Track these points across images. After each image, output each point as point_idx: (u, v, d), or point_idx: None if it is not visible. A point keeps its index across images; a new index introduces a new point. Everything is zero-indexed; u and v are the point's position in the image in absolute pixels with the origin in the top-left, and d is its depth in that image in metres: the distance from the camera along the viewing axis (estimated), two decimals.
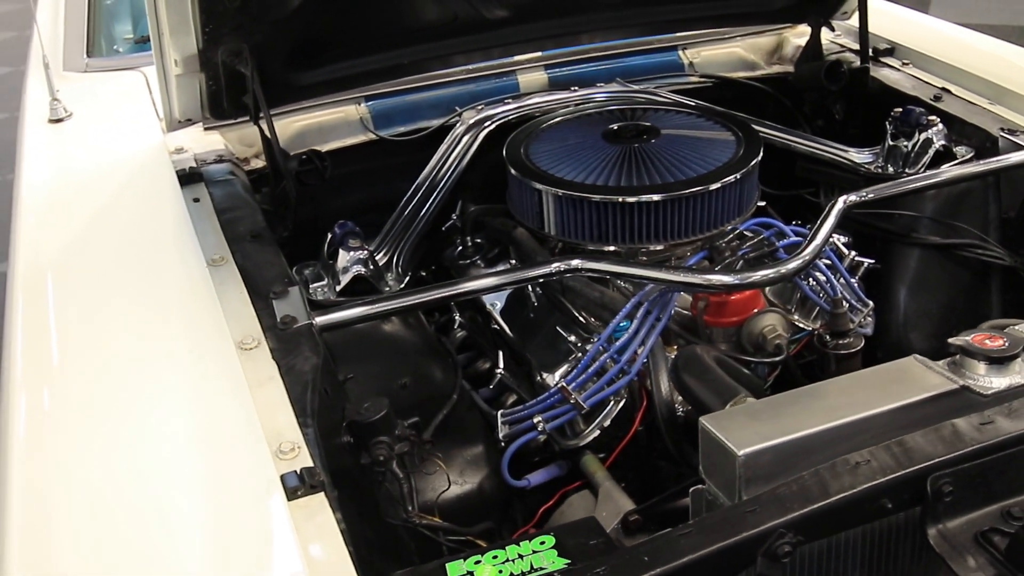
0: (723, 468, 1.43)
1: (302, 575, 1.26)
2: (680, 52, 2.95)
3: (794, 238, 2.09)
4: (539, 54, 2.84)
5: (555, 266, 1.94)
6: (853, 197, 2.13)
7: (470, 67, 2.75)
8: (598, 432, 1.98)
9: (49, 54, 3.04)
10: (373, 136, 2.65)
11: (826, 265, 2.10)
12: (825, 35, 3.02)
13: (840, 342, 2.05)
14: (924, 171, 2.38)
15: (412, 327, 2.05)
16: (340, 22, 2.32)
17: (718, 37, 2.99)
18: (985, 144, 2.39)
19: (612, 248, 2.16)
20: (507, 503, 2.07)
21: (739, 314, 2.02)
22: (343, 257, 2.01)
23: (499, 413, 2.07)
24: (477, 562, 1.54)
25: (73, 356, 1.72)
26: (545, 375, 2.05)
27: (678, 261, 2.19)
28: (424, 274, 2.50)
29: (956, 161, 2.37)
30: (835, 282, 2.09)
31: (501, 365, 2.09)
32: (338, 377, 1.89)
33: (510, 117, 2.58)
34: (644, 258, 2.20)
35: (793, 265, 1.95)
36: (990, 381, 1.53)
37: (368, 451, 1.69)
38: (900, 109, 2.47)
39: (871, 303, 2.20)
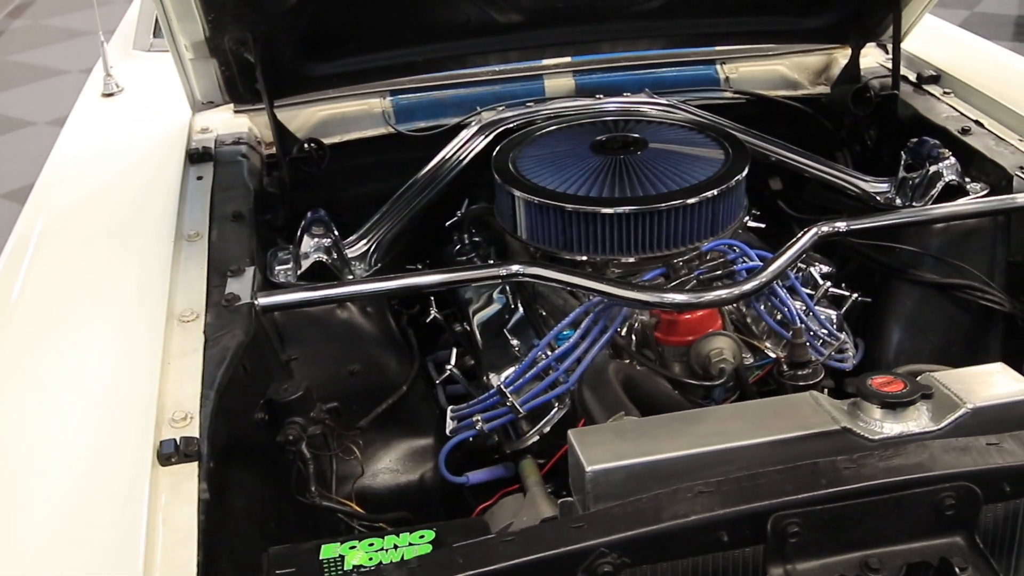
0: (579, 482, 1.42)
1: (141, 535, 1.34)
2: (718, 66, 2.89)
3: (756, 263, 2.04)
4: (568, 59, 2.85)
5: (500, 270, 1.96)
6: (826, 228, 2.06)
7: (496, 68, 2.79)
8: (537, 437, 1.98)
9: (125, 34, 3.27)
10: (391, 130, 2.72)
11: (790, 293, 2.04)
12: (877, 57, 2.93)
13: (798, 372, 1.98)
14: (931, 205, 2.27)
15: (369, 316, 2.11)
16: (350, 17, 2.40)
17: (760, 53, 2.92)
18: (1001, 182, 2.26)
19: (583, 258, 2.16)
20: (451, 497, 2.11)
21: (689, 334, 1.98)
22: (306, 243, 2.09)
23: (449, 409, 2.10)
24: (352, 547, 1.59)
25: (19, 307, 1.85)
26: (491, 375, 2.07)
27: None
28: (420, 267, 2.55)
29: (967, 198, 2.25)
30: (794, 310, 2.02)
31: (452, 362, 2.12)
32: (279, 357, 1.96)
33: (522, 121, 2.60)
34: (617, 270, 2.18)
35: (743, 289, 1.91)
36: (881, 426, 1.46)
37: (283, 430, 1.76)
38: (916, 140, 2.36)
39: (843, 337, 2.12)
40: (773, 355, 2.07)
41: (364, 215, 2.46)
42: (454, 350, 2.15)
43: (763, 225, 2.42)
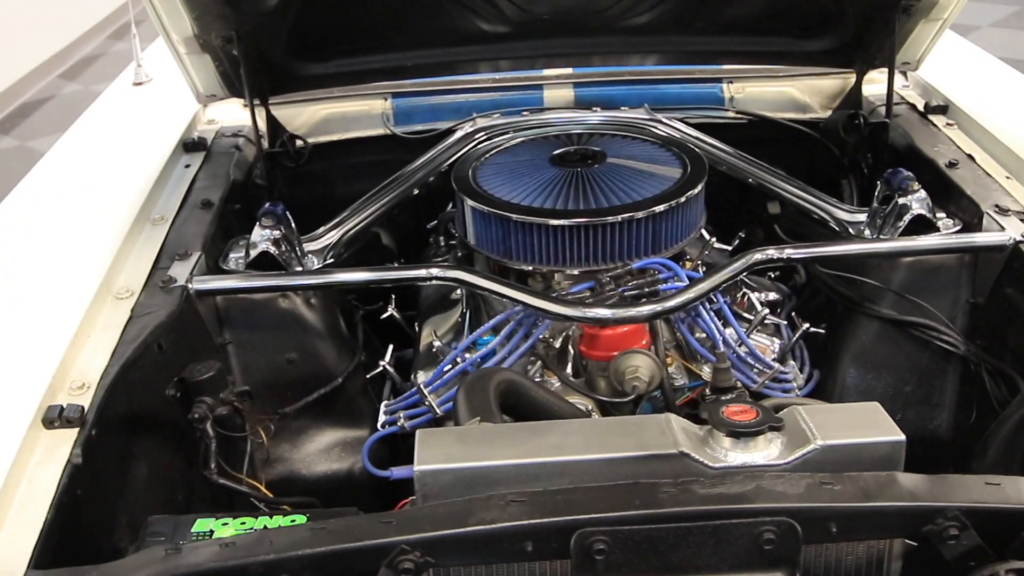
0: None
1: None
2: (724, 85, 2.85)
3: (685, 283, 2.01)
4: (570, 71, 2.86)
5: (421, 271, 2.01)
6: (759, 255, 2.02)
7: (496, 76, 2.83)
8: None
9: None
10: (387, 131, 2.79)
11: (720, 319, 2.01)
12: (895, 85, 2.84)
13: (720, 397, 1.96)
14: (890, 238, 2.19)
15: (313, 308, 2.18)
16: (336, 20, 2.49)
17: (770, 74, 2.86)
18: (973, 220, 2.17)
19: (530, 268, 2.18)
20: (380, 490, 2.16)
21: (610, 349, 1.97)
22: (255, 233, 2.17)
23: (383, 404, 2.16)
24: (224, 524, 1.66)
25: None
26: (419, 373, 2.11)
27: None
28: (396, 265, 2.61)
29: (934, 235, 2.17)
30: (716, 334, 1.99)
31: (387, 358, 2.17)
32: (213, 339, 2.06)
33: (508, 130, 2.63)
34: (566, 282, 2.19)
35: (654, 308, 1.90)
36: (726, 455, 1.44)
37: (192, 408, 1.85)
38: (890, 170, 2.28)
39: (778, 366, 2.07)
40: (705, 379, 2.04)
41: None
42: (391, 347, 2.20)
43: (728, 247, 2.39)
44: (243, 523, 1.65)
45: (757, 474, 1.38)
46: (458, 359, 2.01)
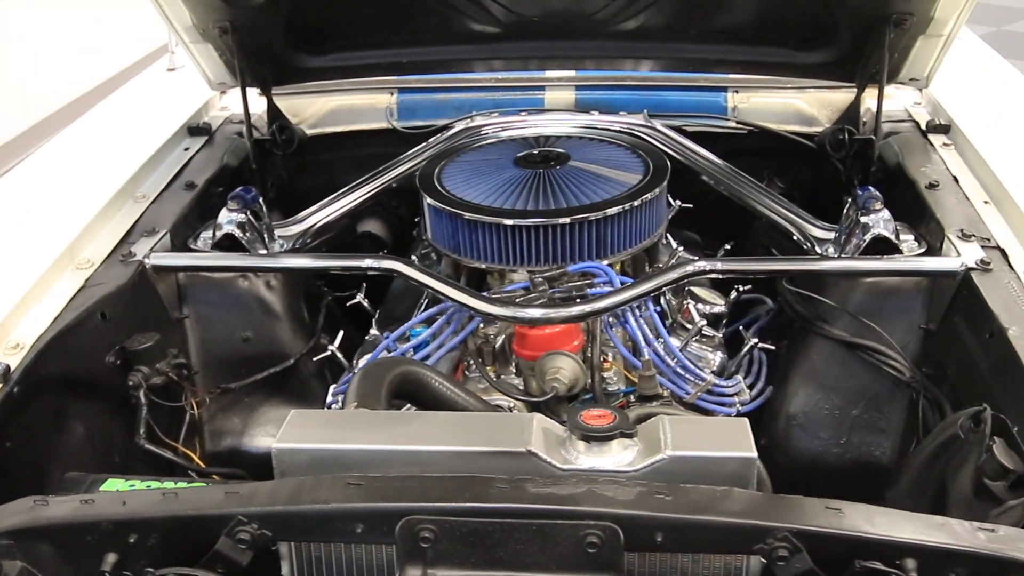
0: None
1: None
2: (729, 95, 2.82)
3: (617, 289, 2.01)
4: (573, 74, 2.88)
5: (359, 262, 2.08)
6: (691, 267, 2.01)
7: (500, 76, 2.87)
8: None
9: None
10: (388, 125, 2.87)
11: (649, 327, 2.01)
12: (907, 100, 2.76)
13: (647, 405, 1.95)
14: (843, 256, 2.15)
15: (272, 290, 2.26)
16: (330, 14, 2.57)
17: (777, 85, 2.81)
18: (936, 244, 2.09)
19: (483, 265, 2.21)
20: None
21: (536, 349, 1.98)
22: (221, 215, 2.26)
23: (332, 386, 2.23)
24: (132, 486, 1.76)
25: None
26: (362, 359, 2.17)
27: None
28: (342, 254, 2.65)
29: (895, 257, 2.11)
30: (641, 341, 1.98)
31: (336, 343, 2.24)
32: (169, 313, 2.16)
33: (498, 130, 2.67)
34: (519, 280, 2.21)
35: (571, 311, 1.91)
36: (577, 458, 1.45)
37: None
38: (860, 189, 2.22)
39: (710, 378, 2.05)
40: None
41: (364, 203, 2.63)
42: (340, 332, 2.26)
43: (695, 258, 2.37)
44: (149, 486, 1.75)
45: (591, 478, 1.39)
46: (389, 348, 2.07)
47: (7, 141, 5.48)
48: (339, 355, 2.23)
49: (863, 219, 2.14)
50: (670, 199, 2.56)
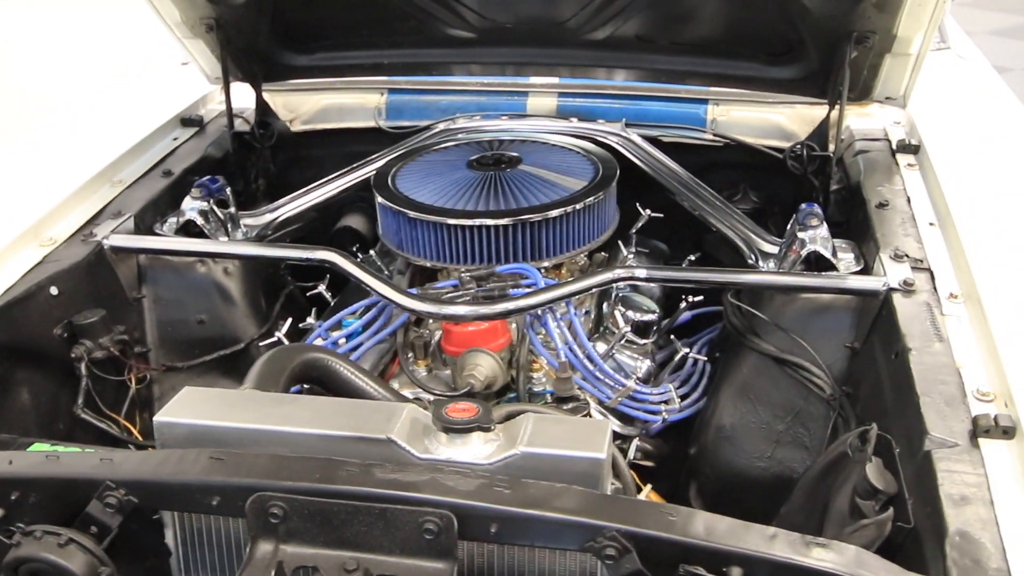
0: None
1: None
2: (709, 107, 2.82)
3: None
4: (556, 81, 2.92)
5: (303, 253, 2.16)
6: (609, 275, 2.04)
7: (485, 81, 2.93)
8: None
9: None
10: (374, 124, 2.95)
11: (569, 331, 2.04)
12: (887, 119, 2.73)
13: (562, 407, 1.99)
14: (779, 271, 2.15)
15: (229, 276, 2.36)
16: (312, 15, 2.66)
17: (760, 100, 2.81)
18: (872, 262, 2.08)
19: (429, 264, 2.27)
20: None
21: (459, 345, 2.04)
22: (184, 203, 2.37)
23: None
24: (55, 449, 1.87)
25: None
26: None
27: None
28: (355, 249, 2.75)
29: (809, 273, 2.11)
30: (558, 343, 2.02)
31: (283, 330, 2.32)
32: (126, 293, 2.28)
33: (473, 133, 2.73)
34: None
35: (481, 310, 1.96)
36: (437, 448, 1.50)
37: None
38: (804, 204, 2.22)
39: (630, 384, 2.07)
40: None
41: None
42: (289, 320, 2.35)
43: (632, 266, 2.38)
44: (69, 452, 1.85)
45: (437, 467, 1.43)
46: (321, 337, 2.15)
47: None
48: (285, 341, 2.31)
49: (800, 235, 2.14)
50: (640, 208, 2.59)
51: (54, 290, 2.08)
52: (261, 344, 2.34)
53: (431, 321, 2.16)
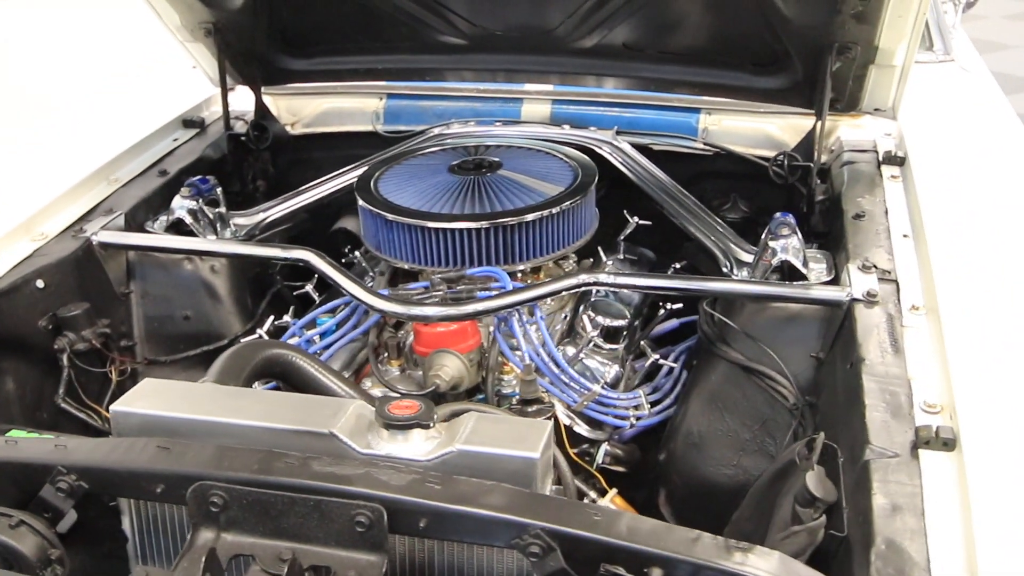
0: None
1: None
2: (701, 116, 2.84)
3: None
4: (550, 88, 2.95)
5: (285, 253, 2.22)
6: (572, 280, 2.08)
7: (481, 87, 2.97)
8: None
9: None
10: (371, 128, 3.00)
11: (535, 334, 2.07)
12: (878, 131, 2.72)
13: (526, 409, 2.01)
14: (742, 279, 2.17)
15: (216, 273, 2.42)
16: (308, 21, 2.72)
17: (752, 110, 2.81)
18: (842, 273, 2.08)
19: (406, 265, 2.31)
20: None
21: (428, 346, 2.07)
22: (174, 201, 2.44)
23: None
24: (31, 436, 1.94)
25: None
26: None
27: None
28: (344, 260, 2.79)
29: (773, 282, 2.12)
30: (523, 346, 2.04)
31: (265, 327, 2.36)
32: (114, 287, 2.34)
33: (463, 138, 2.77)
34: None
35: (448, 311, 2.00)
36: (378, 443, 1.53)
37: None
38: (779, 214, 2.22)
39: (597, 388, 2.09)
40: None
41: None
42: (271, 318, 2.40)
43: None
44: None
45: (373, 462, 1.47)
46: (296, 334, 2.19)
47: None
48: (266, 338, 2.36)
49: (771, 244, 2.15)
50: (628, 216, 2.61)
51: (40, 283, 2.15)
52: (243, 340, 2.39)
53: (405, 323, 2.20)
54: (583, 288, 2.10)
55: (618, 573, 1.34)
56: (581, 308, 2.30)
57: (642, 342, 2.38)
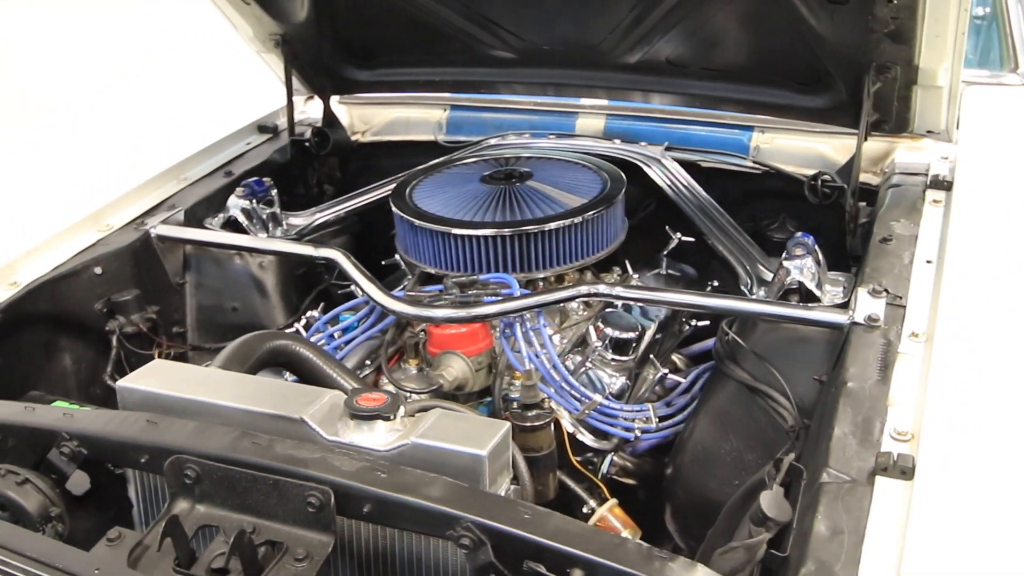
0: None
1: None
2: (754, 134, 2.82)
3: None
4: (605, 103, 2.99)
5: (316, 252, 2.34)
6: (571, 292, 2.12)
7: (538, 100, 3.05)
8: None
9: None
10: (431, 138, 3.12)
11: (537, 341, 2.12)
12: (935, 154, 2.64)
13: (527, 413, 2.07)
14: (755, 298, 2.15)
15: (264, 269, 2.57)
16: (368, 35, 2.86)
17: (806, 129, 2.78)
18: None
19: (432, 270, 2.41)
20: None
21: (437, 347, 2.15)
22: (229, 201, 2.60)
23: None
24: (72, 407, 2.12)
25: None
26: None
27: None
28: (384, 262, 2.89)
29: (776, 302, 2.10)
30: (524, 350, 2.09)
31: (303, 323, 2.48)
32: (169, 278, 2.53)
33: (505, 150, 2.85)
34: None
35: (449, 313, 2.07)
36: (344, 432, 1.63)
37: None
38: (800, 233, 2.20)
39: (597, 398, 2.12)
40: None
41: None
42: (309, 312, 2.52)
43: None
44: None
45: (330, 448, 1.56)
46: (320, 329, 2.32)
47: None
48: (303, 332, 2.50)
49: (785, 264, 2.13)
50: (670, 232, 2.62)
51: (98, 270, 2.35)
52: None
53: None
54: (582, 298, 2.13)
55: (539, 571, 1.38)
56: (594, 319, 2.33)
57: (674, 357, 2.39)
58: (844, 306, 2.06)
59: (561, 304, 2.30)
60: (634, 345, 2.24)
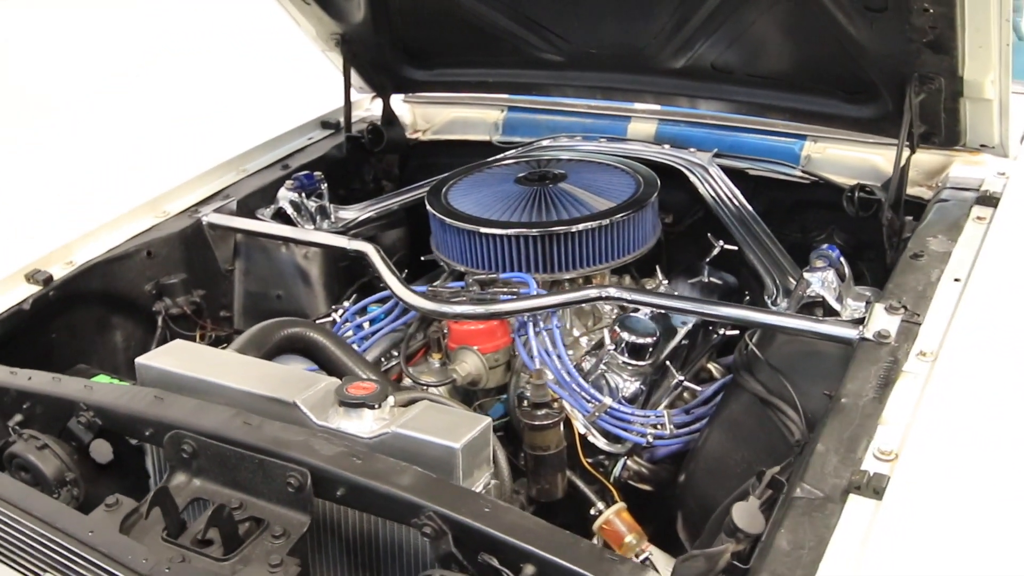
0: None
1: None
2: (806, 143, 2.76)
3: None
4: (658, 108, 2.98)
5: (349, 245, 2.42)
6: (593, 292, 2.12)
7: (591, 103, 3.06)
8: None
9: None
10: (486, 138, 3.17)
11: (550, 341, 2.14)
12: (994, 168, 2.54)
13: (536, 412, 2.10)
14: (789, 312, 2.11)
15: (308, 259, 2.67)
16: (425, 36, 2.92)
17: (859, 140, 2.71)
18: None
19: (462, 267, 2.45)
20: None
21: (456, 342, 2.20)
22: (279, 193, 2.70)
23: None
24: (110, 379, 2.26)
25: None
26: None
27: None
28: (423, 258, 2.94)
29: (788, 314, 2.06)
30: (535, 349, 2.12)
31: (339, 313, 2.56)
32: (218, 264, 2.65)
33: (547, 152, 2.87)
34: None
35: (457, 309, 2.12)
36: (333, 418, 1.69)
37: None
38: (825, 245, 2.16)
39: (608, 401, 2.12)
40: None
41: None
42: (346, 303, 2.60)
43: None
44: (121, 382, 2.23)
45: (315, 432, 1.63)
46: (348, 319, 2.39)
47: None
48: (339, 321, 2.58)
49: (806, 276, 2.09)
50: (712, 239, 2.61)
51: (149, 253, 2.48)
52: (318, 321, 2.63)
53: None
54: (592, 301, 2.14)
55: (492, 564, 1.41)
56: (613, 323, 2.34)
57: (710, 365, 2.38)
58: (860, 321, 2.02)
59: (588, 305, 2.31)
60: (651, 351, 2.24)
